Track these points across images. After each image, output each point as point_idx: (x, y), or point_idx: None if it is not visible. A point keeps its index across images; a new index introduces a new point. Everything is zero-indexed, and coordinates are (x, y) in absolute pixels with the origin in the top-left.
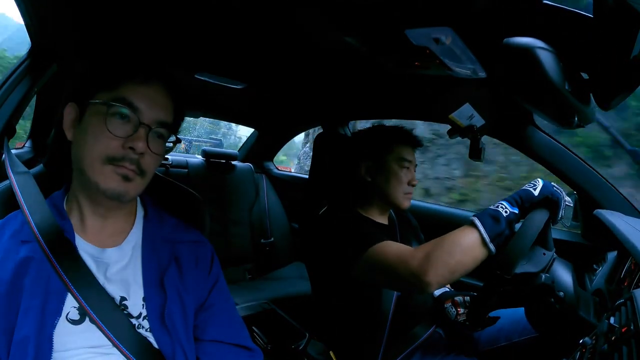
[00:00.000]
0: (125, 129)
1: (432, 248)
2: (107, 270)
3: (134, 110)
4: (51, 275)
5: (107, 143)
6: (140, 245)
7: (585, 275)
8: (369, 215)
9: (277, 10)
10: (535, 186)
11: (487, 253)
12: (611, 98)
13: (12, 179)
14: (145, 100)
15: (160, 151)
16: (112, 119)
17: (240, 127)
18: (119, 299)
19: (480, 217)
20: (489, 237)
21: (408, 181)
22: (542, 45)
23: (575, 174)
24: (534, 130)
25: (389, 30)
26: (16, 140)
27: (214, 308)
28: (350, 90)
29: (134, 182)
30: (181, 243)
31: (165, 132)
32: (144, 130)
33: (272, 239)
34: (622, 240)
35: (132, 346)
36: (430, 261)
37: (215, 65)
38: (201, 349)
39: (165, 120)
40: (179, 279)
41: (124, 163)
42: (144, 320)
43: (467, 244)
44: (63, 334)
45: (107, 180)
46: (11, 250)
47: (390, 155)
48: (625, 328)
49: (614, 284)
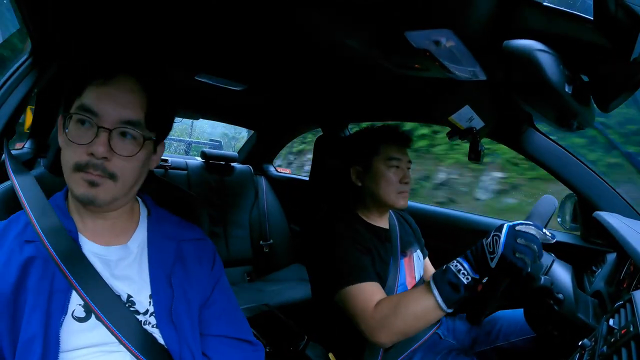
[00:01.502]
0: (87, 136)
1: (389, 312)
2: (113, 269)
3: (93, 115)
4: (56, 274)
5: (72, 151)
6: (145, 243)
7: (585, 277)
8: (369, 219)
9: (278, 11)
10: (493, 254)
11: (442, 315)
12: (611, 100)
13: (13, 180)
14: (105, 101)
15: (129, 152)
16: (74, 126)
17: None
18: (125, 296)
19: (438, 284)
20: (446, 305)
21: (399, 179)
22: (542, 47)
23: (574, 176)
24: (533, 133)
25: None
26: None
27: (218, 304)
28: (350, 93)
29: (102, 186)
30: (185, 241)
31: (133, 130)
32: (105, 134)
33: (271, 240)
34: (622, 242)
35: (139, 342)
36: (385, 325)
37: (215, 67)
38: (206, 343)
39: (131, 118)
40: (185, 276)
41: (89, 169)
42: (151, 316)
43: (422, 311)
44: (69, 332)
45: (76, 187)
46: (15, 251)
47: (377, 157)
48: (624, 330)
49: (613, 285)
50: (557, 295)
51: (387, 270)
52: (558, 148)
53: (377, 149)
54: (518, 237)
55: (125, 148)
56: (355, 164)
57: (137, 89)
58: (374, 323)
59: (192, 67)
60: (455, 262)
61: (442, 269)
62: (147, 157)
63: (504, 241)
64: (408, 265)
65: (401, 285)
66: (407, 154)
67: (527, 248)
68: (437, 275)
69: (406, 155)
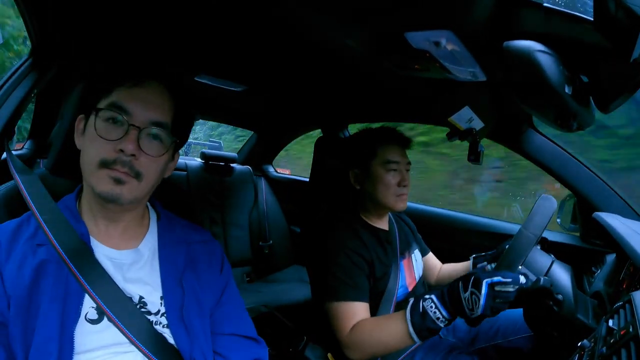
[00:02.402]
0: (117, 132)
1: (363, 337)
2: (126, 272)
3: (125, 113)
4: (69, 277)
5: (99, 147)
6: (156, 247)
7: (584, 278)
8: (369, 221)
9: (278, 12)
10: (473, 312)
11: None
12: (611, 101)
13: (18, 180)
14: (137, 101)
15: (156, 152)
16: (104, 123)
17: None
18: (137, 298)
19: (418, 330)
20: (419, 339)
21: (398, 183)
22: (542, 48)
23: (574, 176)
24: (532, 133)
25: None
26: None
27: (228, 304)
28: (350, 94)
29: (128, 184)
30: (194, 244)
31: (160, 131)
32: (135, 132)
33: (270, 241)
34: (621, 243)
35: (150, 343)
36: (357, 346)
37: (215, 68)
38: (219, 342)
39: (160, 119)
40: (195, 278)
41: (116, 166)
42: (162, 317)
43: (395, 344)
44: (82, 333)
45: (100, 183)
46: (28, 254)
47: (374, 160)
48: (624, 331)
49: (612, 286)
50: (556, 296)
51: (387, 273)
52: (557, 149)
53: (375, 152)
54: (497, 298)
55: (153, 148)
56: (353, 167)
57: (166, 93)
58: (348, 342)
59: (192, 68)
60: (433, 305)
61: (419, 311)
62: (167, 161)
63: (484, 304)
64: (408, 266)
65: (402, 287)
66: (406, 156)
67: (504, 303)
68: (415, 321)
69: (405, 156)
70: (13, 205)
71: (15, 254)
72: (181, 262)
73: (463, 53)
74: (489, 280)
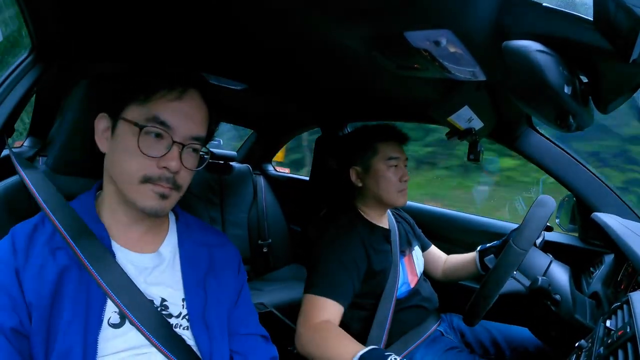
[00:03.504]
0: (159, 148)
1: (318, 339)
2: (147, 275)
3: (167, 128)
4: (90, 283)
5: (141, 163)
6: (177, 249)
7: (582, 278)
8: (370, 218)
9: (277, 11)
10: None
11: None
12: (610, 101)
13: (24, 177)
14: (179, 116)
15: (194, 165)
16: (146, 137)
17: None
18: (159, 300)
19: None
20: None
21: (399, 178)
22: (541, 48)
23: (572, 176)
24: (532, 133)
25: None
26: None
27: (244, 306)
28: (349, 93)
29: (170, 198)
30: (214, 247)
31: (199, 146)
32: (178, 149)
33: (269, 240)
34: (619, 244)
35: (171, 345)
36: (311, 344)
37: (214, 66)
38: (236, 341)
39: (199, 135)
40: (215, 280)
41: (161, 182)
42: (183, 319)
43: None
44: (105, 338)
45: (145, 199)
46: (48, 259)
47: (375, 157)
48: (621, 331)
49: (610, 287)
50: (554, 296)
51: (387, 270)
52: (556, 149)
53: (376, 149)
54: None
55: (192, 162)
56: (354, 164)
57: (203, 105)
58: (306, 336)
59: (191, 66)
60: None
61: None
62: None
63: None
64: (409, 263)
65: (404, 283)
66: (404, 152)
67: None
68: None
69: (403, 153)
70: (13, 202)
71: (34, 259)
72: (204, 265)
73: (462, 53)
74: None
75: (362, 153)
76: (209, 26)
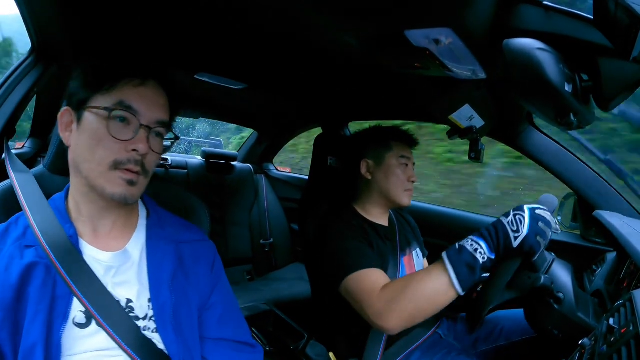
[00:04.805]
0: (126, 133)
1: (396, 293)
2: (113, 273)
3: (134, 112)
4: (57, 280)
5: (111, 148)
6: (145, 246)
7: (585, 276)
8: (370, 217)
9: (277, 10)
10: (518, 233)
11: (454, 298)
12: (611, 99)
13: (13, 179)
14: (144, 101)
15: (160, 150)
16: (113, 122)
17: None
18: (125, 302)
19: (455, 264)
20: (461, 287)
21: (407, 177)
22: (542, 46)
23: (574, 175)
24: (533, 131)
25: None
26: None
27: (217, 306)
28: (350, 92)
29: (138, 184)
30: (184, 243)
31: (164, 130)
32: (145, 132)
33: (271, 239)
34: (622, 242)
35: (139, 348)
36: (392, 308)
37: (215, 66)
38: (205, 347)
39: (164, 119)
40: (184, 279)
41: (130, 166)
42: (150, 321)
43: (433, 292)
44: (70, 338)
45: (113, 186)
46: (15, 256)
47: (389, 152)
48: (624, 329)
49: (613, 285)
50: (557, 294)
51: (387, 269)
52: (558, 146)
53: (390, 146)
54: (539, 221)
55: (159, 146)
56: (366, 157)
57: (164, 93)
58: (381, 306)
59: (192, 66)
60: (470, 240)
61: (456, 248)
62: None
63: (530, 223)
64: (408, 263)
65: None
66: (413, 156)
67: (545, 233)
68: (452, 255)
69: (412, 156)
70: (9, 204)
71: (2, 256)
72: (170, 262)
73: (463, 51)
74: (530, 206)
75: (377, 147)
76: (209, 26)
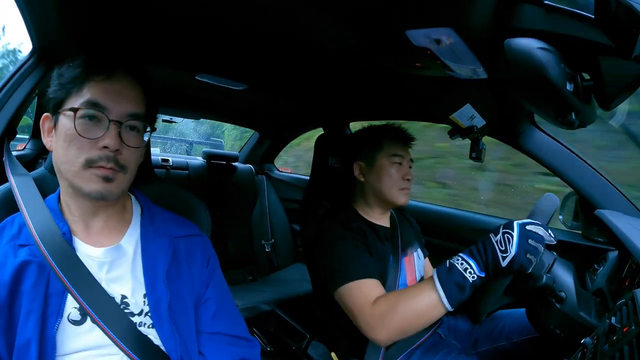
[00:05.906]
0: (97, 131)
1: (388, 308)
2: (107, 270)
3: (101, 109)
4: (51, 278)
5: (81, 147)
6: (139, 242)
7: (587, 275)
8: (370, 217)
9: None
10: (506, 253)
11: (443, 314)
12: (612, 98)
13: (11, 181)
14: (111, 95)
15: (137, 144)
16: (82, 122)
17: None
18: (119, 298)
19: (444, 283)
20: (451, 305)
21: (402, 176)
22: (543, 45)
23: (575, 173)
24: (534, 131)
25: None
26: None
27: (212, 301)
28: (351, 92)
29: (116, 180)
30: (179, 238)
31: (138, 123)
32: (116, 127)
33: (272, 240)
34: (623, 241)
35: (135, 345)
36: (383, 323)
37: (216, 67)
38: (201, 341)
39: (136, 111)
40: (179, 274)
41: (102, 163)
42: (146, 317)
43: (423, 309)
44: (65, 335)
45: (89, 184)
46: (9, 255)
47: (380, 152)
48: (626, 328)
49: (615, 284)
50: (559, 293)
51: (387, 269)
52: (559, 146)
53: (381, 145)
54: (529, 238)
55: (134, 140)
56: (358, 159)
57: (136, 84)
58: (372, 320)
59: (193, 67)
60: (460, 259)
61: (446, 266)
62: (144, 149)
63: (518, 242)
64: (409, 264)
65: (402, 284)
66: (409, 153)
67: (536, 250)
68: (441, 273)
69: (408, 153)
70: (10, 205)
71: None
72: (165, 257)
73: (464, 50)
74: (521, 222)
75: (368, 148)
76: (209, 27)
